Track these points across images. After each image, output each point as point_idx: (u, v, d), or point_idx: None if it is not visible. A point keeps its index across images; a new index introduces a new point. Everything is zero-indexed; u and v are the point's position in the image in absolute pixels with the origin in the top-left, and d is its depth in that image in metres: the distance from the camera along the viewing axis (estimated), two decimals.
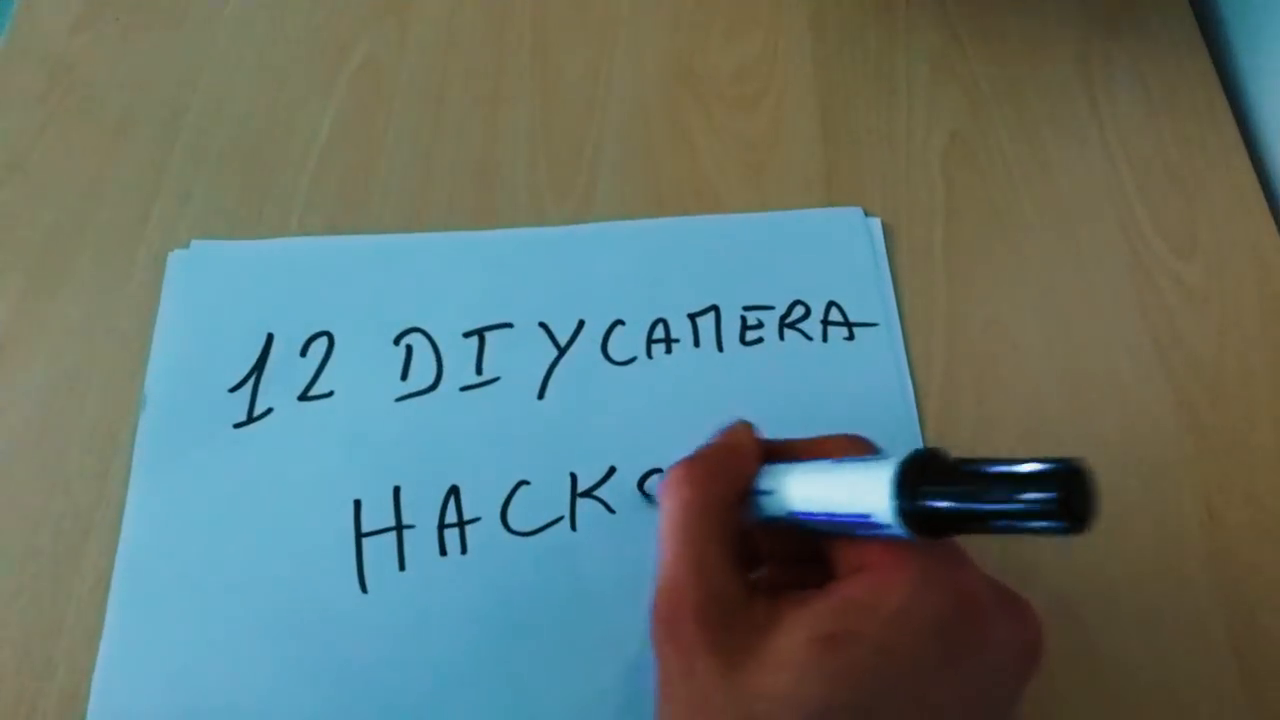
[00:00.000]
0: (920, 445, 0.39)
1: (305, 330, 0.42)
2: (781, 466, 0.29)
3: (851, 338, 0.42)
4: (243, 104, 0.49)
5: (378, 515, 0.38)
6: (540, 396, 0.40)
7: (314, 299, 0.43)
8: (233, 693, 0.35)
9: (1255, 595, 0.37)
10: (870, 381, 0.41)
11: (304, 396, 0.40)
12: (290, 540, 0.37)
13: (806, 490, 0.28)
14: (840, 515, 0.26)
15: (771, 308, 0.43)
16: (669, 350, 0.42)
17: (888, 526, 0.25)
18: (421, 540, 0.38)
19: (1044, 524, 0.22)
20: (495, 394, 0.41)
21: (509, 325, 0.42)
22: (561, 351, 0.41)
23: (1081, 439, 0.40)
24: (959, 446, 0.40)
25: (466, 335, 0.42)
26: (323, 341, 0.42)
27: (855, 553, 0.27)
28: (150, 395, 0.40)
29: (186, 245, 0.44)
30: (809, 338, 0.42)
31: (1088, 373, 0.42)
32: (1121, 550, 0.38)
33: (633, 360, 0.41)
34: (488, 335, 0.42)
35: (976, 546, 0.38)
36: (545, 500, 0.38)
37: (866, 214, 0.45)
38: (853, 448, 0.29)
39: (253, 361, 0.41)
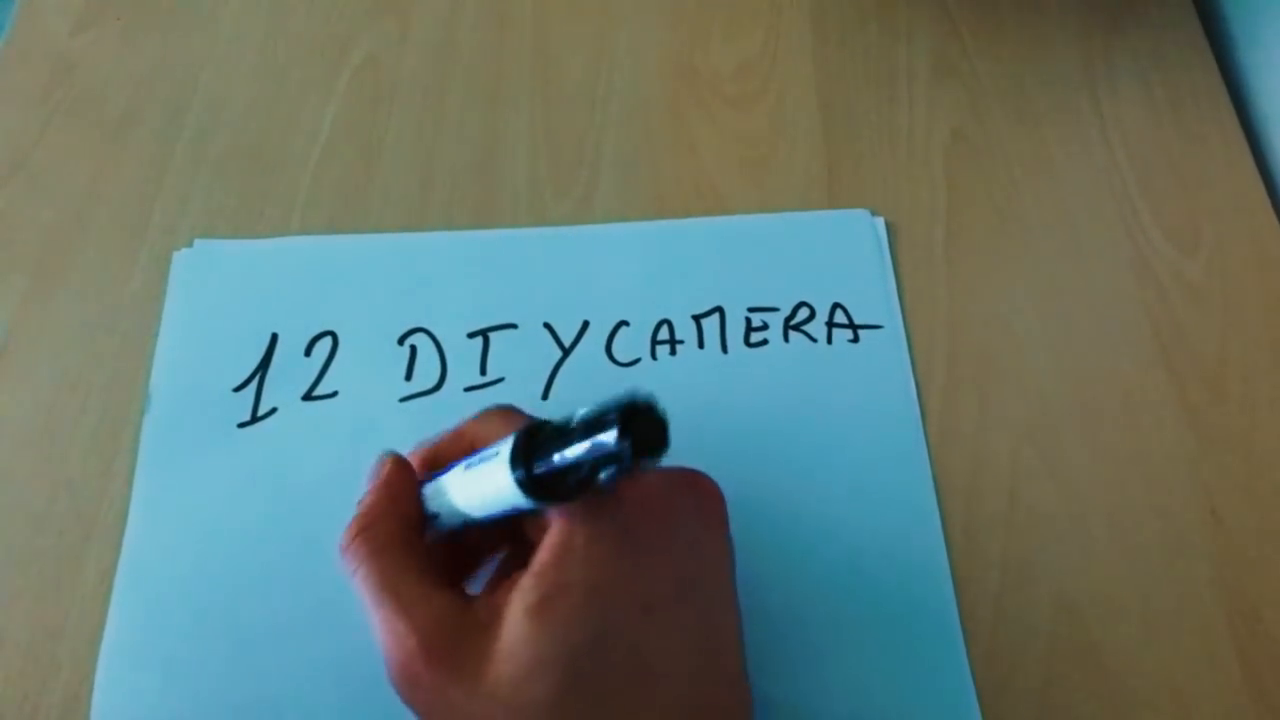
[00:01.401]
0: (924, 450, 0.39)
1: (310, 330, 0.42)
2: (434, 483, 0.30)
3: (856, 340, 0.42)
4: (243, 103, 0.49)
5: None
6: (545, 397, 0.40)
7: (319, 298, 0.43)
8: (235, 693, 0.35)
9: (1258, 593, 0.37)
10: (875, 384, 0.41)
11: (308, 396, 0.40)
12: (294, 540, 0.37)
13: (460, 502, 0.29)
14: (496, 513, 0.27)
15: (776, 309, 0.43)
16: (673, 352, 0.42)
17: (533, 508, 0.26)
18: None
19: (622, 464, 0.23)
20: (500, 395, 0.40)
21: (513, 326, 0.42)
22: (566, 352, 0.41)
23: (1084, 437, 0.40)
24: (961, 444, 0.40)
25: (471, 335, 0.42)
26: (327, 341, 0.42)
27: (535, 520, 0.28)
28: (155, 394, 0.40)
29: (189, 244, 0.44)
30: (814, 340, 0.42)
31: (1090, 370, 0.42)
32: (1124, 548, 0.38)
33: (637, 361, 0.41)
34: (492, 336, 0.42)
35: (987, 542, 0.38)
36: None
37: (872, 214, 0.45)
38: (494, 424, 0.30)
39: (257, 361, 0.41)
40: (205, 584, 0.37)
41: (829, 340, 0.42)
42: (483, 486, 0.27)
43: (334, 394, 0.40)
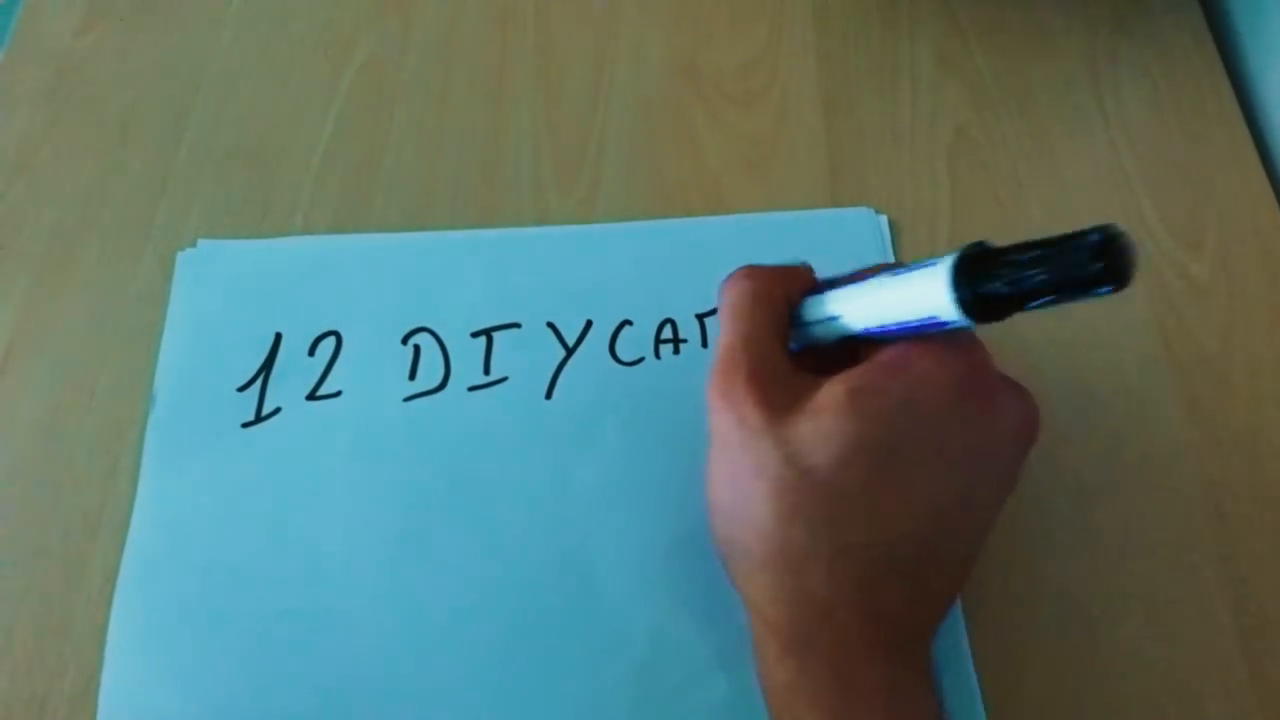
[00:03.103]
0: None
1: (313, 329, 0.42)
2: (834, 293, 0.32)
3: None
4: (247, 103, 0.49)
5: (385, 515, 0.38)
6: (548, 396, 0.40)
7: (322, 298, 0.43)
8: (240, 692, 0.35)
9: (1263, 591, 0.37)
10: None
11: (312, 396, 0.40)
12: (297, 540, 0.38)
13: (868, 309, 0.31)
14: (907, 324, 0.29)
15: None
16: (677, 350, 0.42)
17: (952, 322, 0.28)
18: (429, 541, 0.38)
19: (1094, 289, 0.25)
20: (503, 394, 0.40)
21: (517, 325, 0.42)
22: (569, 351, 0.41)
23: (1088, 434, 0.40)
24: None
25: (474, 335, 0.42)
26: (331, 341, 0.42)
27: (883, 345, 0.31)
28: (159, 394, 0.40)
29: (192, 244, 0.44)
30: None
31: (1094, 367, 0.42)
32: (1129, 545, 0.38)
33: (640, 360, 0.41)
34: (496, 335, 0.42)
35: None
36: (553, 501, 0.38)
37: (875, 212, 0.45)
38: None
39: (261, 361, 0.41)
40: (209, 583, 0.37)
41: None
42: (902, 295, 0.29)
43: (338, 394, 0.40)
